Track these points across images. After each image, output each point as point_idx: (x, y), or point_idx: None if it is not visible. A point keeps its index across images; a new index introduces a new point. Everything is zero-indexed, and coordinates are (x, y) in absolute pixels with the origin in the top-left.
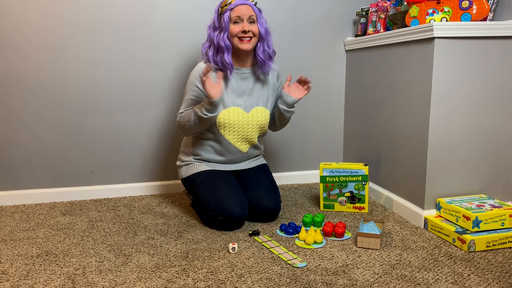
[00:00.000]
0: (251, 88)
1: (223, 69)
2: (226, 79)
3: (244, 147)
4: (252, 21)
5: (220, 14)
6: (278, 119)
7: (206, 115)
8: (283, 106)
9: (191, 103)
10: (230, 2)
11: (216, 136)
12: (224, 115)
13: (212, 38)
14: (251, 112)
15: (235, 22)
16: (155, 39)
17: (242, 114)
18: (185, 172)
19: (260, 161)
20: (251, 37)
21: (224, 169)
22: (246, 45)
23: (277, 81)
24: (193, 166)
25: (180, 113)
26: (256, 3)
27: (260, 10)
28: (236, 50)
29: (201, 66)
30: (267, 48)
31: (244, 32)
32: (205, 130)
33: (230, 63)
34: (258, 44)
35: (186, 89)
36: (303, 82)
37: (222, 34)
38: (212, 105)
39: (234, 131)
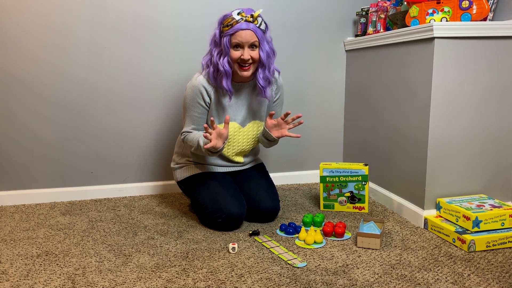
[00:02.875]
0: (249, 102)
1: (223, 89)
2: (224, 96)
3: (240, 159)
4: (253, 47)
5: (221, 32)
6: (260, 141)
7: (208, 153)
8: (263, 138)
9: (196, 120)
10: (232, 24)
11: None
12: None
13: (212, 55)
14: (247, 127)
15: (235, 47)
16: (155, 40)
17: (238, 129)
18: (180, 174)
19: (256, 161)
20: (251, 64)
21: (219, 171)
22: (246, 73)
23: (276, 93)
24: (188, 169)
25: (186, 132)
26: (260, 24)
27: (264, 30)
28: (235, 73)
29: (200, 80)
30: (267, 73)
31: (243, 61)
32: None
33: (229, 89)
34: (259, 70)
35: (186, 104)
36: (286, 121)
37: (222, 58)
38: (216, 150)
39: (229, 146)
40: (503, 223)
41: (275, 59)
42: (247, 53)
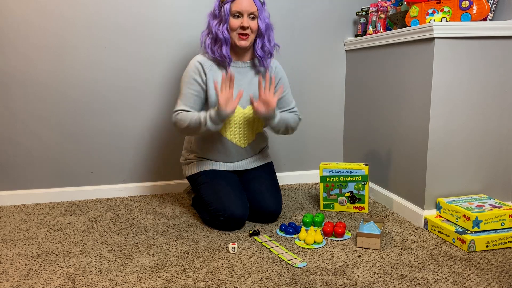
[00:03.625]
0: (248, 82)
1: (221, 61)
2: (223, 70)
3: (242, 143)
4: (252, 17)
5: (221, 3)
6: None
7: (210, 127)
8: (269, 129)
9: (190, 97)
10: None
11: (215, 133)
12: None
13: (211, 27)
14: (248, 108)
15: (235, 16)
16: (155, 39)
17: (237, 110)
18: (189, 170)
19: (265, 160)
20: (248, 34)
21: (227, 169)
22: (244, 42)
23: (276, 75)
24: (196, 165)
25: (178, 111)
26: None
27: (263, 3)
28: (234, 44)
29: (197, 58)
30: (267, 43)
31: (243, 28)
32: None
33: (228, 56)
34: (258, 40)
35: (183, 82)
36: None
37: (221, 25)
38: (221, 119)
39: (230, 127)
40: (503, 223)
41: (273, 33)
42: (246, 21)
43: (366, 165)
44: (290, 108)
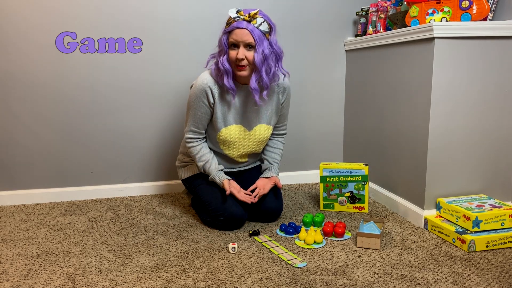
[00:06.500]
0: (253, 104)
1: (226, 88)
2: (229, 95)
3: (244, 159)
4: (250, 47)
5: (224, 31)
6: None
7: (205, 172)
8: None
9: (199, 119)
10: (231, 23)
11: (216, 149)
12: (224, 133)
13: (216, 55)
14: (253, 130)
15: (232, 47)
16: (156, 40)
17: (243, 132)
18: (185, 173)
19: (259, 160)
20: (245, 65)
21: (224, 171)
22: (242, 73)
23: (282, 96)
24: (192, 167)
25: (189, 137)
26: (260, 24)
27: (266, 31)
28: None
29: (206, 79)
30: (265, 77)
31: (237, 60)
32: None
33: (232, 87)
34: (253, 73)
35: (191, 102)
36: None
37: (222, 56)
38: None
39: (235, 148)
40: (503, 223)
41: (280, 61)
42: (242, 53)
43: (366, 165)
44: (282, 124)
